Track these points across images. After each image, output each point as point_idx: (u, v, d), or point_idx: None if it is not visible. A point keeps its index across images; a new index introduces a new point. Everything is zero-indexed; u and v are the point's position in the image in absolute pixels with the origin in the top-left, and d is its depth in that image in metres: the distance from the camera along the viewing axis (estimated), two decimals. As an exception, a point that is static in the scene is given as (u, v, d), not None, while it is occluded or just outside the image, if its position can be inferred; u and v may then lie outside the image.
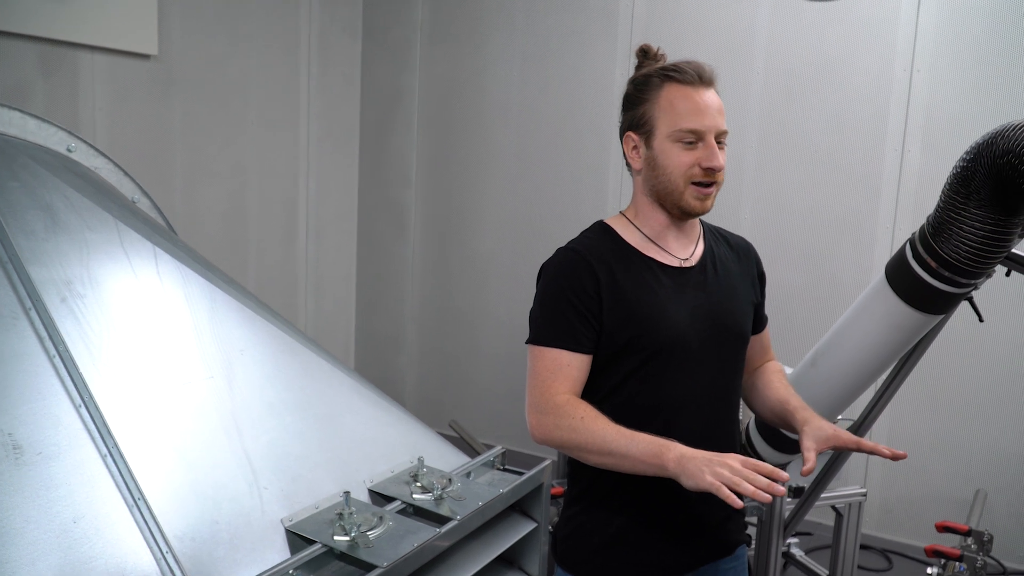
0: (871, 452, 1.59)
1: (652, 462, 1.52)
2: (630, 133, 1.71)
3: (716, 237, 1.83)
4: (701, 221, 1.82)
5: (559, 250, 1.74)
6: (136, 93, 4.20)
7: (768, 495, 1.38)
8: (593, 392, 1.71)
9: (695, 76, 1.64)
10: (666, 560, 1.71)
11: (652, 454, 1.52)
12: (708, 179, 1.64)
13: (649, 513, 1.68)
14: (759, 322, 1.87)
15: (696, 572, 1.74)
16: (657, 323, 1.65)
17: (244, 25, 4.76)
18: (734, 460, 1.44)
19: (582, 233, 1.78)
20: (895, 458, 1.59)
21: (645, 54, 1.75)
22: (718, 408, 1.73)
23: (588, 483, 1.74)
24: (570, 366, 1.65)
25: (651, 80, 1.67)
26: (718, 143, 1.65)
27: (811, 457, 1.54)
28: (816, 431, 1.60)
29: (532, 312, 1.72)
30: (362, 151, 5.65)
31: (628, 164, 1.75)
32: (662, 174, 1.66)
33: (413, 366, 5.62)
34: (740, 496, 1.39)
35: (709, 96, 1.65)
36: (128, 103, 4.17)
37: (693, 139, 1.62)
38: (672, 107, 1.64)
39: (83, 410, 1.22)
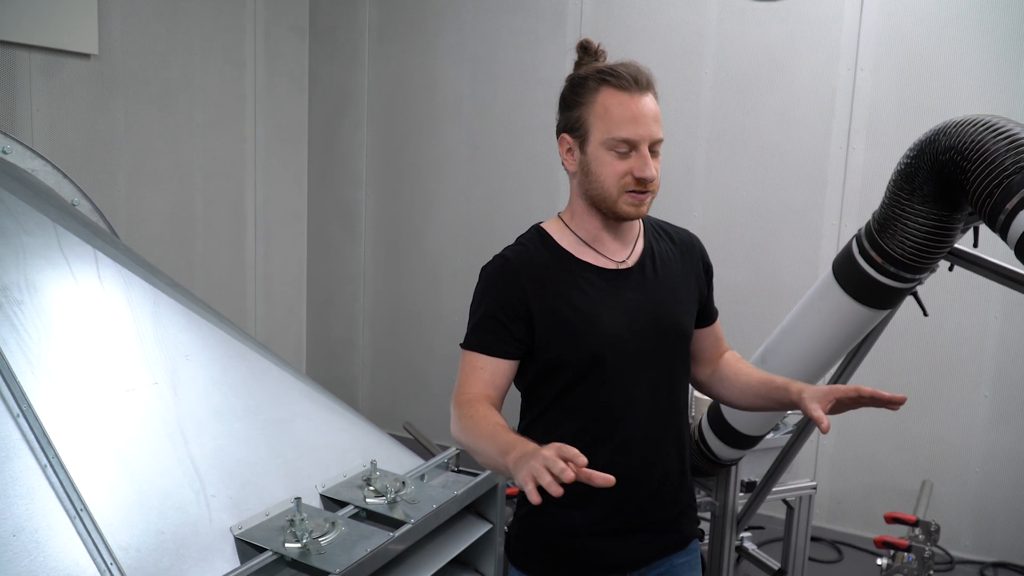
0: (872, 397, 1.53)
1: (500, 469, 1.47)
2: (565, 135, 1.68)
3: (658, 234, 1.81)
4: (644, 218, 1.81)
5: (494, 257, 1.73)
6: (76, 93, 4.10)
7: (558, 488, 1.30)
8: (537, 402, 1.72)
9: (631, 81, 1.61)
10: (618, 556, 1.71)
11: (495, 458, 1.46)
12: (641, 188, 1.63)
13: (600, 510, 1.68)
14: (708, 316, 1.86)
15: (649, 567, 1.75)
16: (590, 328, 1.64)
17: (187, 23, 4.67)
18: (548, 450, 1.36)
19: (518, 238, 1.76)
20: (894, 402, 1.51)
21: (585, 50, 1.71)
22: (663, 408, 1.71)
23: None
24: (484, 369, 1.65)
25: (587, 83, 1.64)
26: (652, 151, 1.64)
27: (821, 416, 1.52)
28: (815, 392, 1.59)
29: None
30: (311, 151, 5.59)
31: (564, 165, 1.73)
32: (595, 181, 1.64)
33: (366, 368, 5.57)
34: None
35: (645, 103, 1.62)
36: (68, 104, 4.06)
37: (626, 148, 1.60)
38: (607, 114, 1.61)
39: (21, 420, 1.19)
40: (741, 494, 2.97)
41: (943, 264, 2.06)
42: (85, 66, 4.10)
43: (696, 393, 1.93)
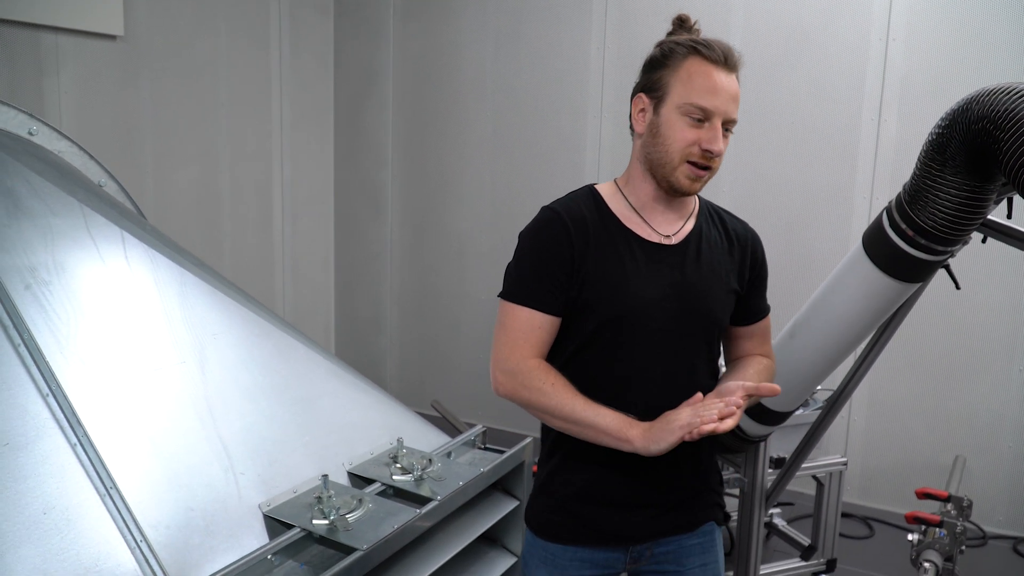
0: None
1: (616, 436, 1.56)
2: (641, 95, 1.68)
3: (712, 219, 1.79)
4: (702, 200, 1.80)
5: (542, 209, 1.73)
6: (103, 75, 4.12)
7: (733, 408, 1.49)
8: (553, 355, 1.71)
9: (721, 57, 1.62)
10: (622, 528, 1.71)
11: (617, 428, 1.56)
12: (705, 162, 1.63)
13: (604, 479, 1.70)
14: (748, 314, 1.82)
15: (655, 543, 1.74)
16: (613, 293, 1.64)
17: (212, 3, 4.67)
18: (684, 410, 1.53)
19: (569, 194, 1.76)
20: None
21: (681, 23, 1.72)
22: (677, 390, 1.66)
23: (554, 445, 1.74)
24: (541, 328, 1.66)
25: (677, 49, 1.65)
26: (725, 129, 1.63)
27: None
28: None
29: (508, 267, 1.71)
30: (337, 131, 5.60)
31: (631, 126, 1.72)
32: (661, 144, 1.64)
33: (394, 347, 5.59)
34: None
35: (729, 80, 1.63)
36: (95, 85, 4.09)
37: (701, 116, 1.61)
38: (690, 79, 1.61)
39: (51, 399, 1.20)
40: (770, 470, 2.95)
41: (976, 236, 2.02)
42: (111, 47, 4.13)
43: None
